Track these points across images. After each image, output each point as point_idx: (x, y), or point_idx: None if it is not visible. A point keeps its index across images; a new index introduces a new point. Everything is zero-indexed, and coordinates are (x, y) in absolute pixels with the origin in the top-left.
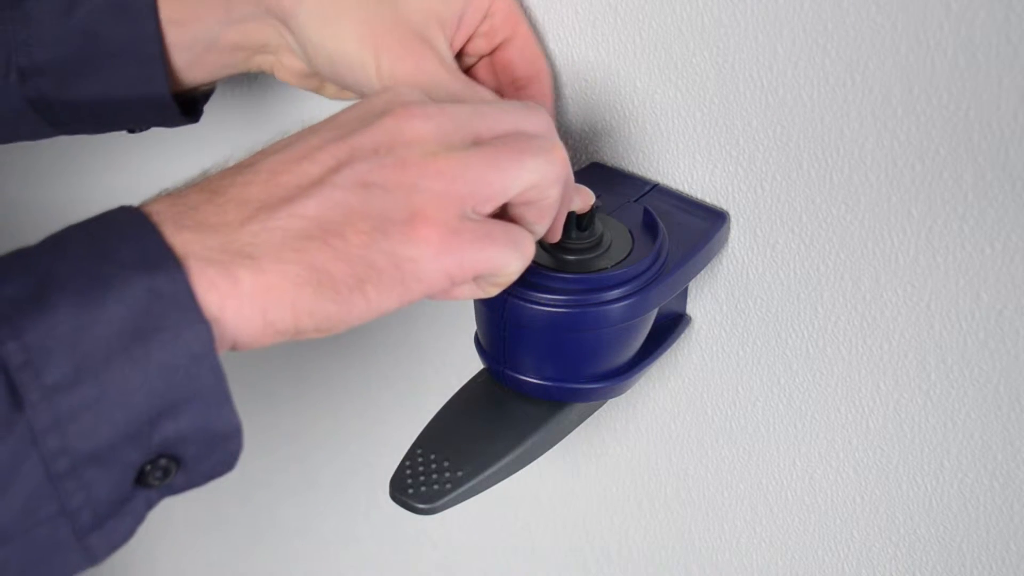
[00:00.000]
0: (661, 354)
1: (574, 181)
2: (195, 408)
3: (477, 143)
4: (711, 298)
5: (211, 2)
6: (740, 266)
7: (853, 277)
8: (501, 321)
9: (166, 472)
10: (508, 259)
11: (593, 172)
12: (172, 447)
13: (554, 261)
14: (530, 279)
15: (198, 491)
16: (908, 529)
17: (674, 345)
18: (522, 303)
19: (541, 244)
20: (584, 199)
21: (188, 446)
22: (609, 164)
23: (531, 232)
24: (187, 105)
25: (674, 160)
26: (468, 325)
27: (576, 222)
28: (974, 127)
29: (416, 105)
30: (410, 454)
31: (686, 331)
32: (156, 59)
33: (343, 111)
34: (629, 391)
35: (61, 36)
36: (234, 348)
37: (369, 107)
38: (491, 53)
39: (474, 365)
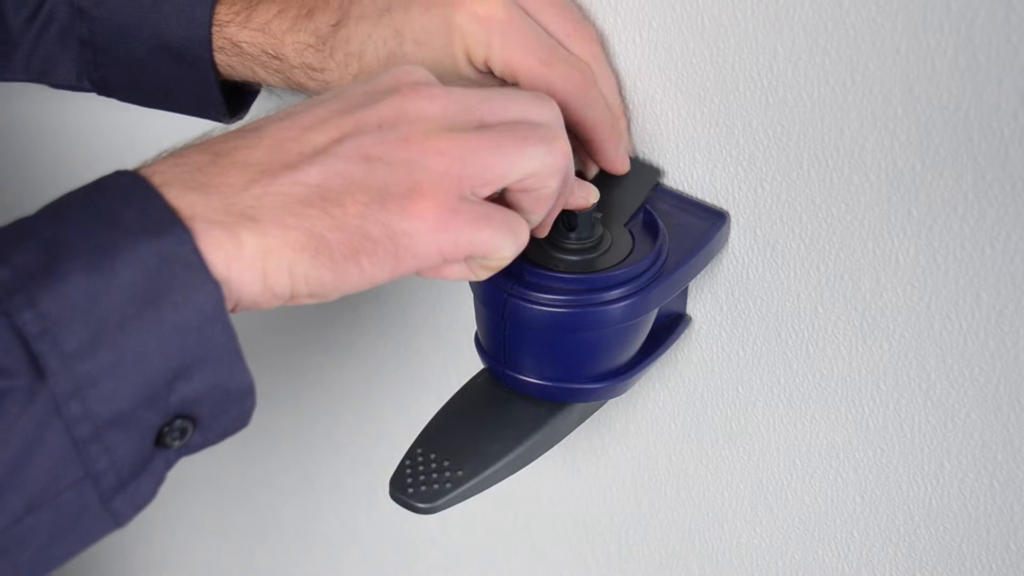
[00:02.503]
0: (661, 354)
1: (576, 176)
2: (209, 368)
3: (482, 127)
4: (711, 298)
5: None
6: (740, 266)
7: (853, 277)
8: (501, 321)
9: (183, 432)
10: (502, 242)
11: None
12: (188, 407)
13: (555, 261)
14: (530, 279)
15: (199, 491)
16: (908, 529)
17: (674, 345)
18: (522, 303)
19: (542, 244)
20: (586, 194)
21: (204, 406)
22: None
23: (527, 220)
24: (233, 99)
25: (674, 160)
26: (468, 325)
27: (565, 222)
28: (974, 127)
29: (423, 85)
30: (410, 454)
31: (686, 331)
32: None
33: (351, 86)
34: (629, 391)
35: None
36: (234, 311)
37: (377, 83)
38: None
39: (474, 365)
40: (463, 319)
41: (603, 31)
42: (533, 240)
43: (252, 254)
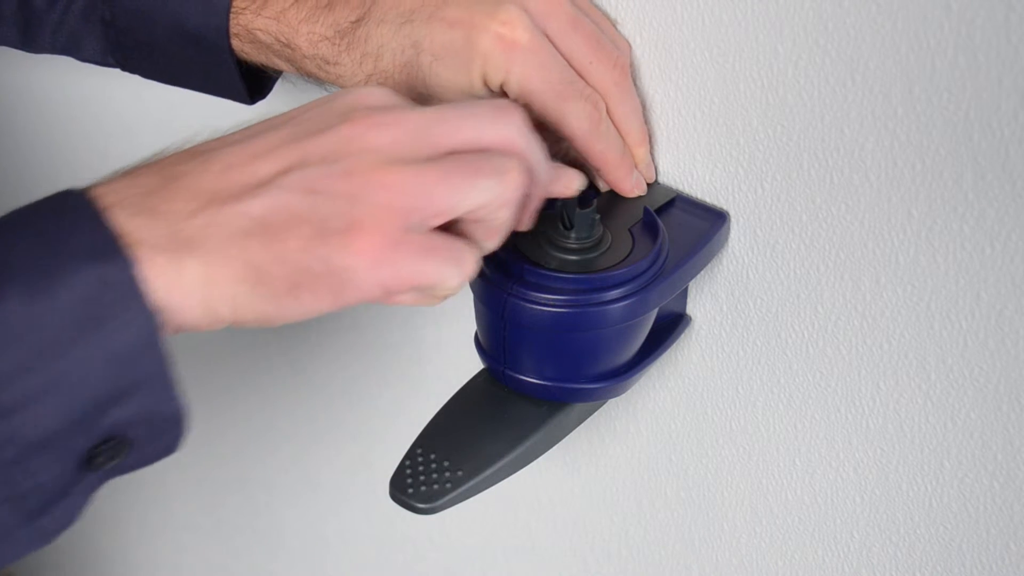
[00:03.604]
0: (661, 354)
1: (558, 164)
2: (143, 394)
3: (434, 155)
4: (711, 298)
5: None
6: (740, 266)
7: (853, 277)
8: (501, 321)
9: (114, 454)
10: (446, 275)
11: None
12: (122, 430)
13: (554, 261)
14: (530, 279)
15: (199, 491)
16: (908, 529)
17: (674, 345)
18: (522, 303)
19: (542, 244)
20: (567, 183)
21: (137, 429)
22: None
23: (479, 248)
24: (253, 81)
25: (674, 160)
26: (468, 325)
27: (564, 221)
28: (974, 127)
29: (376, 112)
30: (410, 454)
31: (686, 331)
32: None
33: (306, 108)
34: (629, 391)
35: None
36: (178, 332)
37: (330, 108)
38: None
39: (474, 365)
40: (463, 319)
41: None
42: (533, 239)
43: (194, 282)
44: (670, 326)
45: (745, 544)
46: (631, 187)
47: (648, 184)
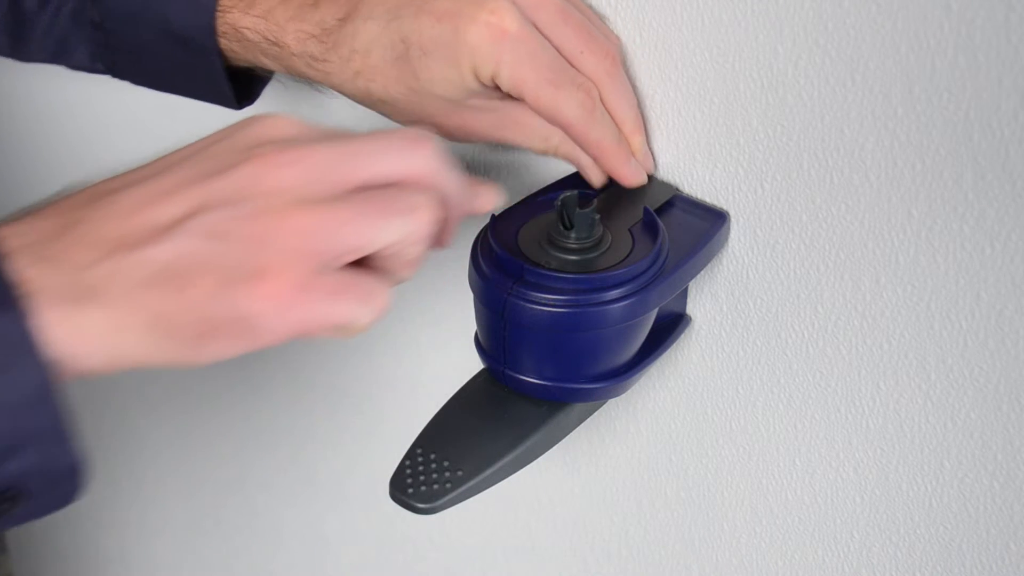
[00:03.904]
0: (661, 354)
1: (473, 183)
2: (36, 447)
3: (342, 192)
4: (711, 298)
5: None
6: (740, 266)
7: (853, 277)
8: (501, 321)
9: (10, 505)
10: (357, 315)
11: None
12: (16, 483)
13: (554, 261)
14: (530, 279)
15: (199, 491)
16: (908, 529)
17: (674, 345)
18: (522, 303)
19: (542, 244)
20: (484, 202)
21: (33, 481)
22: None
23: (394, 280)
24: (241, 85)
25: (674, 160)
26: (468, 325)
27: (563, 221)
28: (974, 127)
29: (281, 149)
30: (410, 454)
31: (686, 331)
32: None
33: (209, 141)
34: (629, 391)
35: None
36: (82, 377)
37: (234, 143)
38: None
39: (474, 365)
40: (463, 319)
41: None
42: (533, 239)
43: (97, 332)
44: (670, 326)
45: (745, 544)
46: (630, 174)
47: (648, 176)
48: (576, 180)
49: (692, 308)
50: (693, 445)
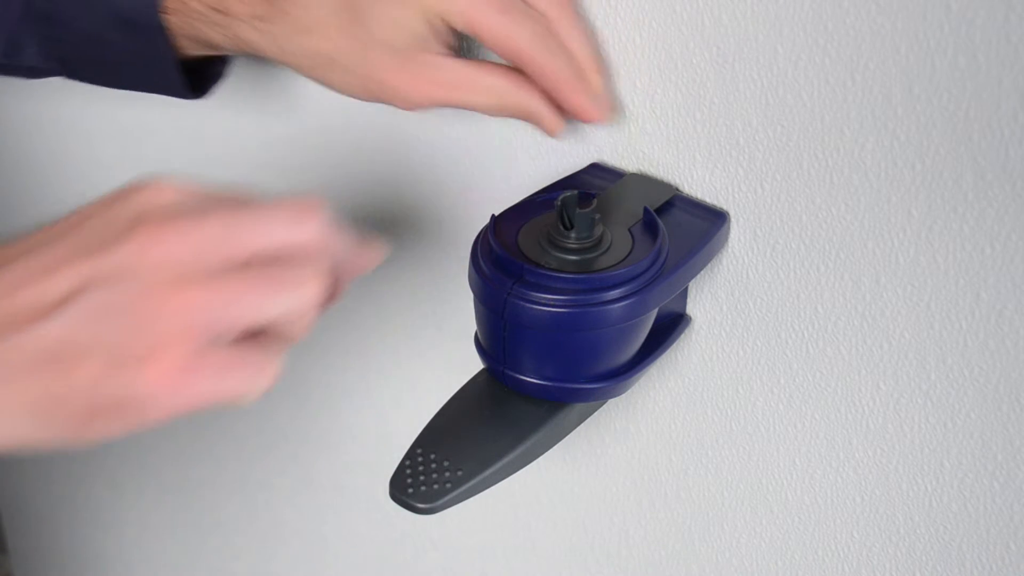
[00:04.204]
0: (661, 354)
1: (356, 241)
2: None
3: (230, 266)
4: (711, 298)
5: None
6: (740, 266)
7: (853, 277)
8: (501, 321)
9: None
10: (247, 388)
11: (593, 172)
12: None
13: (554, 261)
14: (530, 279)
15: (198, 491)
16: (908, 529)
17: (674, 345)
18: (522, 303)
19: (542, 244)
20: (366, 263)
21: None
22: (609, 164)
23: (286, 345)
24: (195, 79)
25: (674, 160)
26: (468, 325)
27: (564, 221)
28: (974, 127)
29: (165, 221)
30: (410, 454)
31: (686, 331)
32: None
33: (94, 210)
34: (629, 391)
35: None
36: None
37: (119, 213)
38: None
39: (474, 365)
40: (463, 319)
41: (603, 31)
42: (533, 239)
43: None
44: (670, 326)
45: (745, 544)
46: (590, 107)
47: (644, 175)
48: (576, 180)
49: (692, 308)
50: (693, 445)
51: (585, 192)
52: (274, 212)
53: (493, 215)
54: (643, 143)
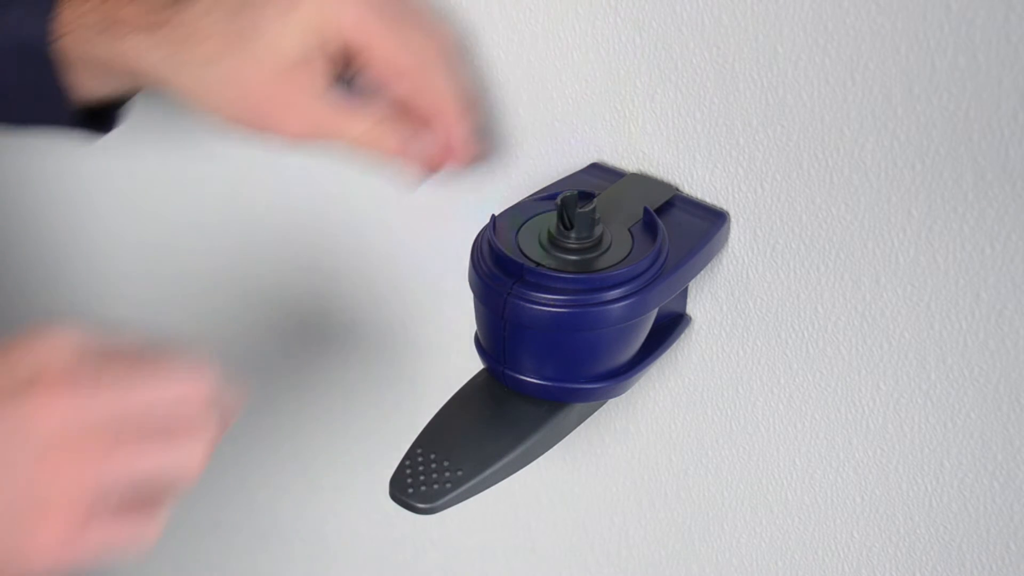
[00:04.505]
0: (661, 354)
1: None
2: None
3: (121, 427)
4: (711, 298)
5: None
6: (740, 266)
7: (853, 277)
8: (501, 321)
9: None
10: (138, 538)
11: (593, 172)
12: None
13: (554, 261)
14: (530, 279)
15: (198, 491)
16: (908, 529)
17: (674, 345)
18: (522, 303)
19: (542, 243)
20: (220, 430)
21: None
22: (609, 164)
23: (174, 496)
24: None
25: (674, 160)
26: (468, 325)
27: (562, 220)
28: (974, 127)
29: (61, 385)
30: (410, 454)
31: (686, 331)
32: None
33: None
34: (629, 391)
35: None
36: None
37: (14, 372)
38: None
39: (474, 365)
40: (463, 319)
41: (603, 31)
42: (533, 239)
43: None
44: (670, 326)
45: (745, 544)
46: (467, 142)
47: (645, 175)
48: (576, 180)
49: (692, 308)
50: (693, 445)
51: (585, 192)
52: (166, 371)
53: (493, 215)
54: (643, 143)
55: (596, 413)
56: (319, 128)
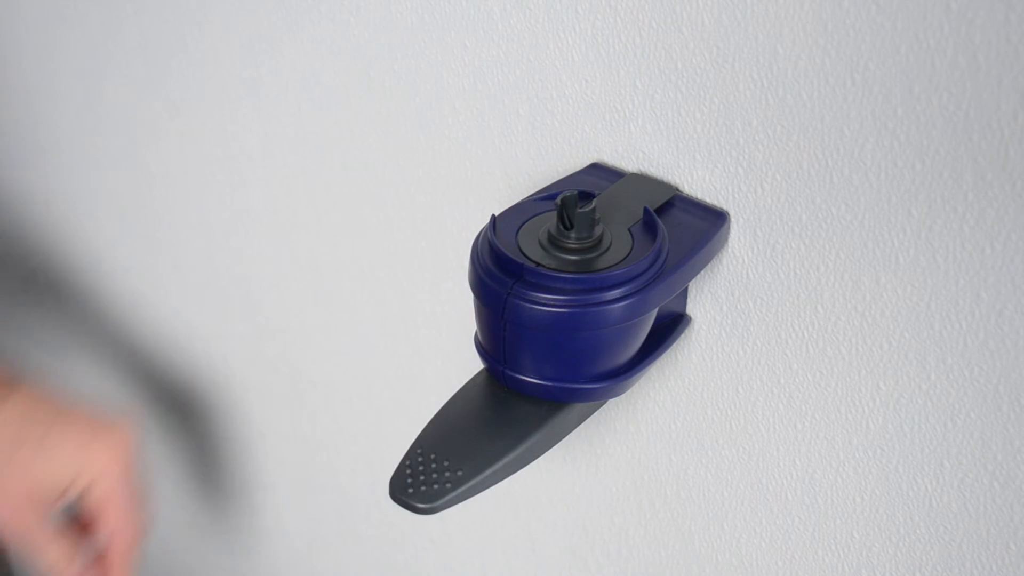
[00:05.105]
0: (661, 354)
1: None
2: None
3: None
4: (711, 298)
5: None
6: (740, 266)
7: (853, 277)
8: (501, 321)
9: None
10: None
11: (593, 172)
12: None
13: (554, 261)
14: (530, 279)
15: (198, 492)
16: (908, 529)
17: (674, 345)
18: (522, 303)
19: (542, 243)
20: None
21: None
22: (609, 164)
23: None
24: None
25: (674, 160)
26: (468, 325)
27: (562, 220)
28: (974, 127)
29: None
30: (410, 454)
31: (686, 331)
32: None
33: None
34: (629, 391)
35: None
36: None
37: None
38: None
39: (474, 365)
40: (463, 319)
41: (603, 31)
42: (533, 239)
43: None
44: (670, 326)
45: (745, 544)
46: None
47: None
48: (576, 180)
49: (692, 308)
50: (693, 445)
51: (585, 192)
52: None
53: (493, 215)
54: (643, 143)
55: (596, 413)
56: (22, 537)
